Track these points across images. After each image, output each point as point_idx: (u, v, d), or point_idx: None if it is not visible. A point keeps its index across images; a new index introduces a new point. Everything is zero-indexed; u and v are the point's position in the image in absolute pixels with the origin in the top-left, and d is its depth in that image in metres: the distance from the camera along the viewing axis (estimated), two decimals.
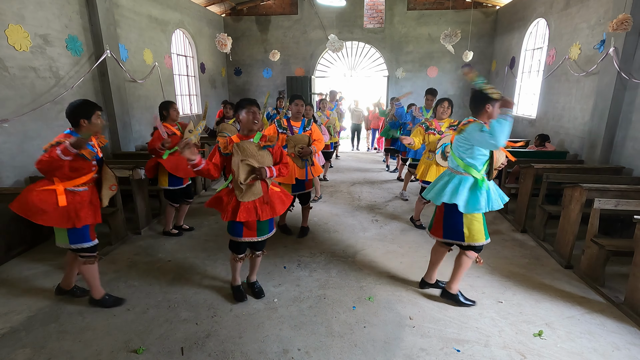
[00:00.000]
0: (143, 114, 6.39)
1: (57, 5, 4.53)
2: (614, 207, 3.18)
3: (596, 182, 3.75)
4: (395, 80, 10.01)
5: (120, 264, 3.62)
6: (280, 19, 9.91)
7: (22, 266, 3.60)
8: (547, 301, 2.96)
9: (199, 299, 3.00)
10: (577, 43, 5.72)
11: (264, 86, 10.48)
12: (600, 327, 2.65)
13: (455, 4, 9.40)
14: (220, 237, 4.26)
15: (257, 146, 2.65)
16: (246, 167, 2.60)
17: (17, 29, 3.99)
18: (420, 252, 3.86)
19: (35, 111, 4.20)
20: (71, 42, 4.75)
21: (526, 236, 4.29)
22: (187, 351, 2.41)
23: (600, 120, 4.91)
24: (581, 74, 5.55)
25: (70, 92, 4.70)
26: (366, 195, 5.92)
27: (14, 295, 3.08)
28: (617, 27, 4.25)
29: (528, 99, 7.81)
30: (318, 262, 3.62)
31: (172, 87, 7.44)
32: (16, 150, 4.02)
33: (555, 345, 2.45)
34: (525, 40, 7.76)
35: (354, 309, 2.86)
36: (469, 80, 2.70)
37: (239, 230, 2.72)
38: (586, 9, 5.57)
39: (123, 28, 5.78)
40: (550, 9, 6.64)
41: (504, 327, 2.63)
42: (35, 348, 2.44)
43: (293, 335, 2.57)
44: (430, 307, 2.88)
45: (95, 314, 2.80)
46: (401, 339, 2.52)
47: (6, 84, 3.89)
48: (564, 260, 3.54)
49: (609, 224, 4.13)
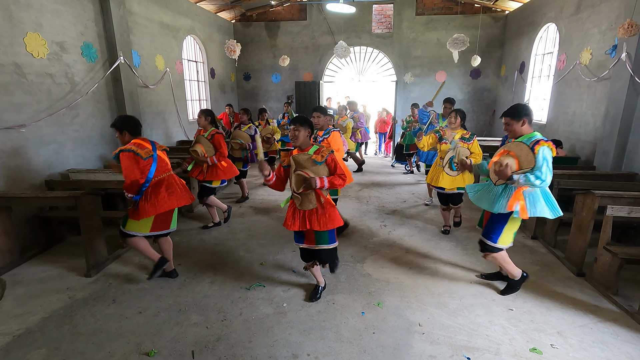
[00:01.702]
0: (154, 118, 6.50)
1: (73, 13, 4.65)
2: (627, 215, 3.13)
3: (608, 189, 3.71)
4: (404, 85, 10.01)
5: (132, 266, 3.68)
6: (289, 24, 10.00)
7: (37, 268, 3.67)
8: (559, 309, 2.93)
9: (209, 303, 3.03)
10: (588, 48, 5.67)
11: (273, 91, 10.57)
12: (614, 336, 2.61)
13: (464, 9, 9.39)
14: (230, 241, 4.30)
15: (310, 158, 2.76)
16: (299, 177, 2.73)
17: (35, 36, 4.10)
18: (429, 258, 3.85)
19: (51, 117, 4.30)
20: (86, 49, 4.86)
21: (537, 243, 4.25)
22: (197, 354, 2.44)
23: (613, 126, 4.85)
24: (592, 79, 5.50)
25: (85, 98, 4.81)
26: (374, 200, 5.92)
27: (29, 297, 3.14)
28: (626, 32, 4.23)
29: (538, 104, 7.74)
30: (327, 267, 3.63)
31: (182, 92, 7.55)
32: (32, 155, 4.12)
33: (567, 355, 2.42)
34: (535, 45, 7.71)
35: (363, 315, 2.86)
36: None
37: (298, 237, 2.97)
38: (597, 13, 5.53)
39: (136, 35, 5.90)
40: (560, 14, 6.59)
41: (515, 335, 2.61)
42: (50, 349, 2.49)
43: (302, 340, 2.58)
44: (440, 314, 2.87)
45: (107, 316, 2.85)
46: (410, 346, 2.51)
47: (24, 90, 4.00)
48: (576, 268, 3.49)
49: (622, 231, 4.07)
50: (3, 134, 3.77)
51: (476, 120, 10.04)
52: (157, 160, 3.05)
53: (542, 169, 2.54)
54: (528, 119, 2.71)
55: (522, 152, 2.65)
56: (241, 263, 3.76)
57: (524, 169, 2.64)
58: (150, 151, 3.01)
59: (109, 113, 5.31)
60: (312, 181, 2.67)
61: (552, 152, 2.60)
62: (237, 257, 3.89)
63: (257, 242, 4.27)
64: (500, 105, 9.39)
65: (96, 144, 5.08)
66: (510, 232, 2.89)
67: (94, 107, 5.05)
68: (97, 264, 3.59)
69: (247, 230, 4.65)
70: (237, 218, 5.08)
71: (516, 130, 2.74)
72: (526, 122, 2.71)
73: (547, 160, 2.56)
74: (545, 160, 2.55)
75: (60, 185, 4.27)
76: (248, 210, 5.46)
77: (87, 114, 4.92)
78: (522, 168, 2.64)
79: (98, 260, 3.62)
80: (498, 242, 2.88)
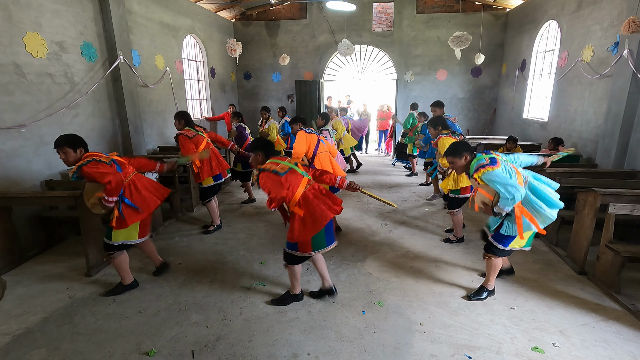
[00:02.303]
0: (155, 118, 6.49)
1: (72, 13, 4.64)
2: (630, 213, 3.11)
3: (610, 187, 3.68)
4: (404, 83, 9.97)
5: (132, 266, 3.67)
6: (289, 23, 9.98)
7: (37, 268, 3.67)
8: (561, 308, 2.91)
9: (209, 302, 3.02)
10: (590, 45, 5.64)
11: (273, 90, 10.55)
12: (616, 335, 2.59)
13: (464, 6, 9.35)
14: (230, 240, 4.29)
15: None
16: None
17: (35, 36, 4.10)
18: (430, 257, 3.83)
19: (51, 116, 4.29)
20: (86, 48, 4.85)
21: (538, 241, 4.22)
22: (197, 354, 2.43)
23: (615, 124, 4.82)
24: (594, 77, 5.47)
25: (85, 98, 4.80)
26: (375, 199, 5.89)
27: (29, 297, 3.14)
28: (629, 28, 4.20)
29: (539, 102, 7.71)
30: (327, 266, 3.61)
31: (182, 91, 7.53)
32: (32, 155, 4.11)
33: (569, 354, 2.40)
34: (537, 43, 7.66)
35: (364, 314, 2.85)
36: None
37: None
38: (599, 10, 5.49)
39: (136, 34, 5.89)
40: (561, 11, 6.56)
41: (516, 334, 2.59)
42: (50, 349, 2.49)
43: (302, 339, 2.57)
44: (441, 313, 2.85)
45: (107, 316, 2.85)
46: (411, 345, 2.50)
47: (23, 90, 3.99)
48: (578, 266, 3.47)
49: (625, 229, 4.04)
50: (3, 133, 3.76)
51: (477, 118, 10.01)
52: (118, 163, 2.95)
53: (499, 190, 2.49)
54: (468, 153, 2.75)
55: (481, 185, 2.66)
56: (242, 262, 3.75)
57: (496, 196, 2.58)
58: (108, 157, 2.92)
59: (109, 113, 5.31)
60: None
61: (491, 170, 2.52)
62: (237, 256, 3.89)
63: (257, 241, 4.26)
64: (502, 104, 9.36)
65: (96, 144, 5.07)
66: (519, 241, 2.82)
67: (94, 106, 5.04)
68: (97, 264, 3.59)
69: (248, 229, 4.64)
70: (238, 217, 5.07)
71: (461, 167, 2.79)
72: (467, 156, 2.74)
73: (494, 182, 2.49)
74: (493, 182, 2.50)
75: (60, 185, 4.27)
76: (249, 209, 5.45)
77: (87, 114, 4.91)
78: (495, 195, 2.59)
79: (98, 260, 3.61)
80: (509, 246, 2.80)
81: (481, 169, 2.56)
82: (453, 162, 2.80)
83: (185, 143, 4.22)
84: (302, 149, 4.10)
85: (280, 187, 2.53)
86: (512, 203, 2.50)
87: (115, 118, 5.46)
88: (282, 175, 2.57)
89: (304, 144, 4.12)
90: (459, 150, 2.77)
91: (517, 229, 2.67)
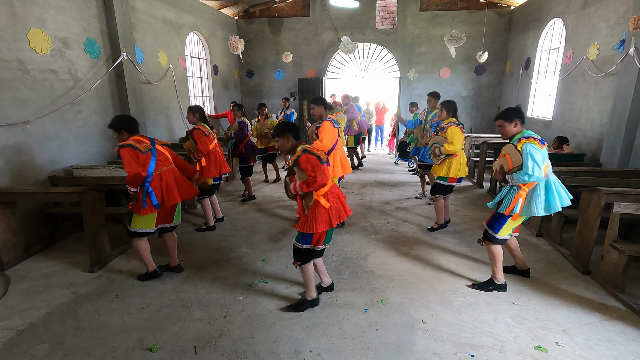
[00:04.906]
0: (158, 115, 6.49)
1: (76, 9, 4.64)
2: (634, 212, 3.09)
3: (615, 186, 3.65)
4: (408, 81, 9.93)
5: (135, 262, 3.68)
6: (292, 21, 9.95)
7: (41, 264, 3.69)
8: (564, 307, 2.90)
9: (212, 299, 3.03)
10: (596, 43, 5.59)
11: (276, 87, 10.53)
12: (620, 334, 2.57)
13: (469, 4, 9.29)
14: (233, 237, 4.30)
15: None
16: (286, 183, 2.84)
17: (38, 32, 4.10)
18: (433, 255, 3.82)
19: (54, 112, 4.30)
20: (89, 45, 4.86)
21: (542, 240, 4.20)
22: (200, 350, 2.43)
23: (620, 122, 4.78)
24: (599, 75, 5.42)
25: (88, 94, 4.81)
26: (378, 197, 5.89)
27: (32, 292, 3.16)
28: (636, 26, 4.16)
29: (544, 100, 7.66)
30: (329, 263, 3.62)
31: (185, 88, 7.53)
32: (36, 151, 4.13)
33: (572, 353, 2.39)
34: (541, 41, 7.61)
35: (366, 312, 2.85)
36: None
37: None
38: (605, 8, 5.44)
39: (139, 31, 5.89)
40: (567, 9, 6.50)
41: (520, 333, 2.58)
42: (54, 344, 2.50)
43: (305, 336, 2.57)
44: (444, 311, 2.85)
45: (111, 312, 2.86)
46: (414, 343, 2.50)
47: (27, 86, 4.00)
48: (582, 266, 3.45)
49: (629, 229, 4.02)
50: (7, 130, 3.78)
51: (481, 117, 9.96)
52: (156, 154, 3.10)
53: (527, 164, 2.67)
54: (520, 120, 2.85)
55: (511, 152, 2.81)
56: (244, 259, 3.76)
57: (515, 167, 2.78)
58: (148, 145, 3.08)
59: (112, 109, 5.32)
60: (287, 187, 2.69)
61: (538, 146, 2.71)
62: (240, 254, 3.89)
63: (260, 239, 4.27)
64: (505, 102, 9.31)
65: (99, 140, 5.08)
66: (510, 227, 3.01)
67: (97, 103, 5.05)
68: (101, 260, 3.60)
69: (250, 226, 4.65)
70: (240, 215, 5.07)
71: (509, 132, 2.88)
72: (518, 123, 2.85)
73: (530, 155, 2.67)
74: (528, 155, 2.67)
75: (63, 181, 4.28)
76: (251, 206, 5.45)
77: (91, 110, 4.92)
78: (514, 167, 2.78)
79: (101, 256, 3.63)
80: (499, 233, 2.99)
81: (528, 140, 2.72)
82: (502, 126, 2.88)
83: (202, 138, 4.25)
84: (330, 142, 3.87)
85: (322, 173, 2.53)
86: (526, 179, 2.70)
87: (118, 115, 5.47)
88: (324, 164, 2.61)
89: (331, 137, 3.88)
90: (511, 115, 2.83)
91: (510, 205, 2.82)
